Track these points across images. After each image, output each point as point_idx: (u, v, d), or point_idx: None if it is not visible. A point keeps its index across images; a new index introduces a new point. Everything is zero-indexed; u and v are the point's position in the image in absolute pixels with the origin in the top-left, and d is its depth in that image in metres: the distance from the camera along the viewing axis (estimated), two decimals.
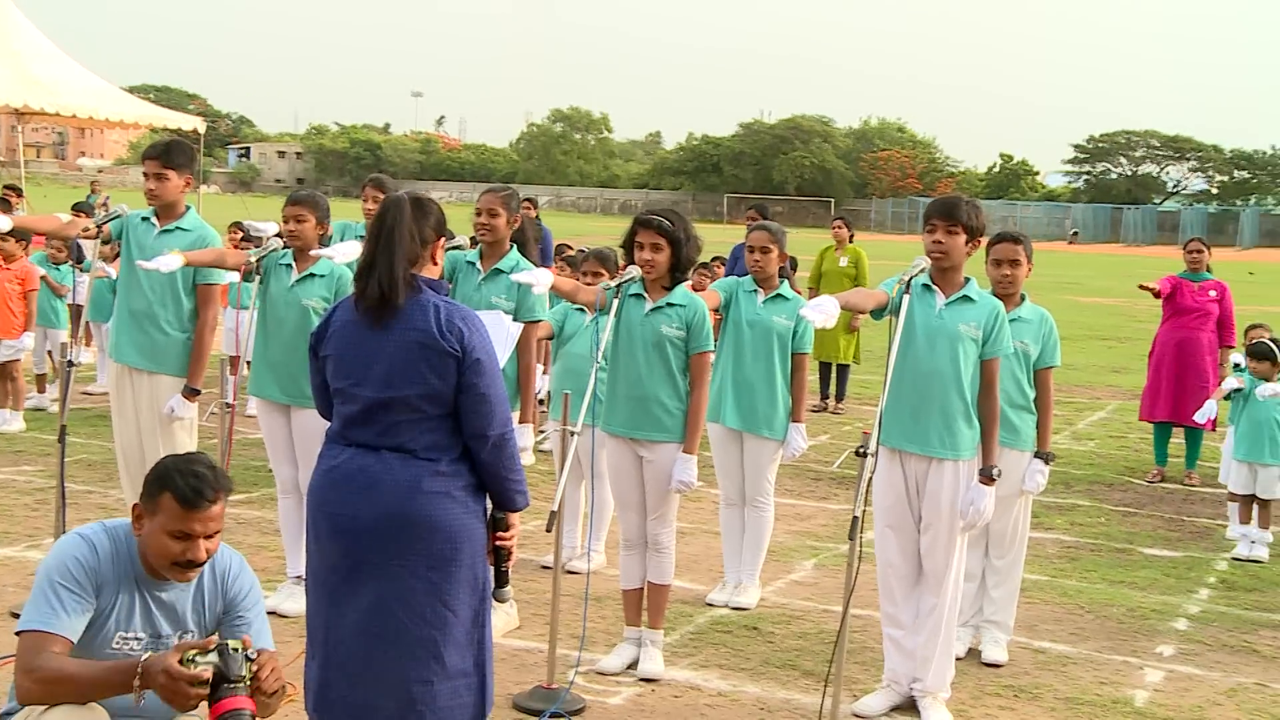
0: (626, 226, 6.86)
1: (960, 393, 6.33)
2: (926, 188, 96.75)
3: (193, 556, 4.23)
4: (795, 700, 6.57)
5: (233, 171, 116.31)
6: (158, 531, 4.21)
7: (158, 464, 4.32)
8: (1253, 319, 13.47)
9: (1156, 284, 13.21)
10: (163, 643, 4.35)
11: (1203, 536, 10.69)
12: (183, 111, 31.27)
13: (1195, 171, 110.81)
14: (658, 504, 6.79)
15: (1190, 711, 6.84)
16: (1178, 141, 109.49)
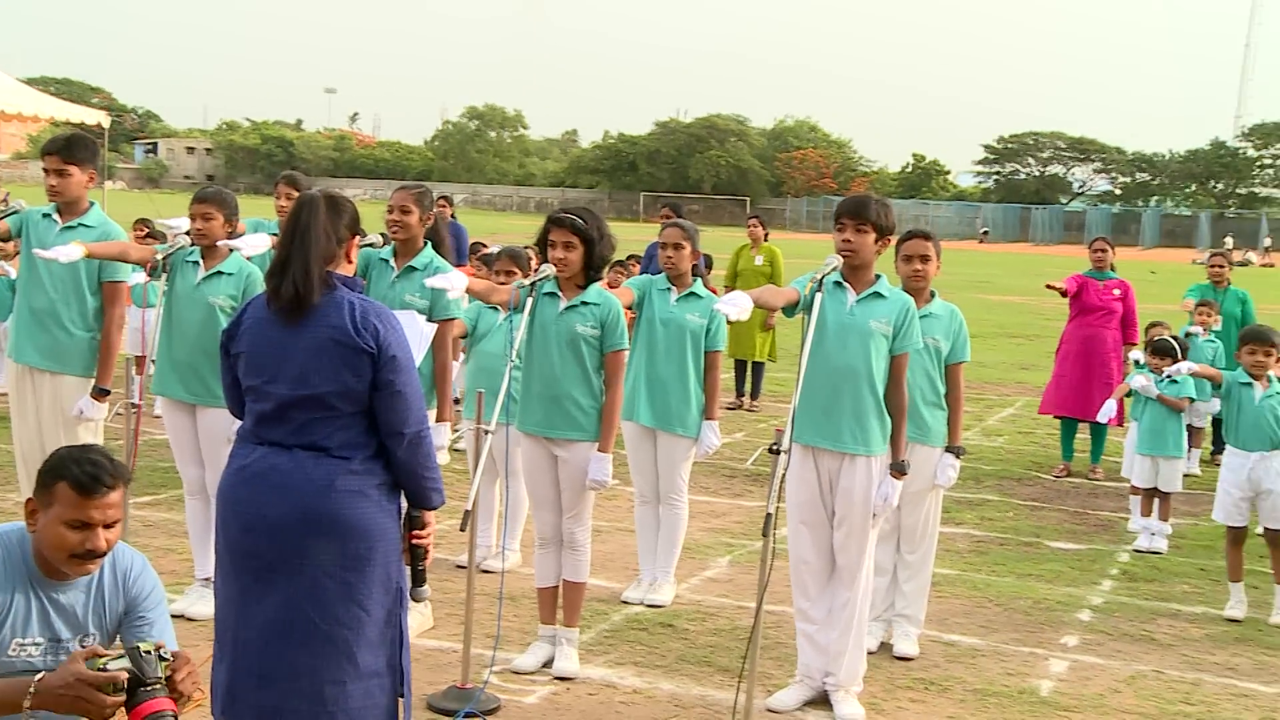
0: (541, 225, 6.83)
1: (872, 388, 6.36)
2: (841, 187, 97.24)
3: (92, 546, 4.07)
4: (710, 696, 6.57)
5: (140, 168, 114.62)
6: (54, 523, 4.04)
7: (51, 455, 4.19)
8: (1153, 317, 13.65)
9: (1063, 283, 13.35)
10: (62, 647, 4.21)
11: (1106, 530, 10.82)
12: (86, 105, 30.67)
13: (1099, 173, 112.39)
14: (573, 502, 6.76)
15: (1092, 700, 6.92)
16: (1083, 143, 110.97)
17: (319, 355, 4.65)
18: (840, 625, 6.44)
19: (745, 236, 16.81)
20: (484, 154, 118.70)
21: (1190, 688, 7.22)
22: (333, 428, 4.69)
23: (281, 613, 4.63)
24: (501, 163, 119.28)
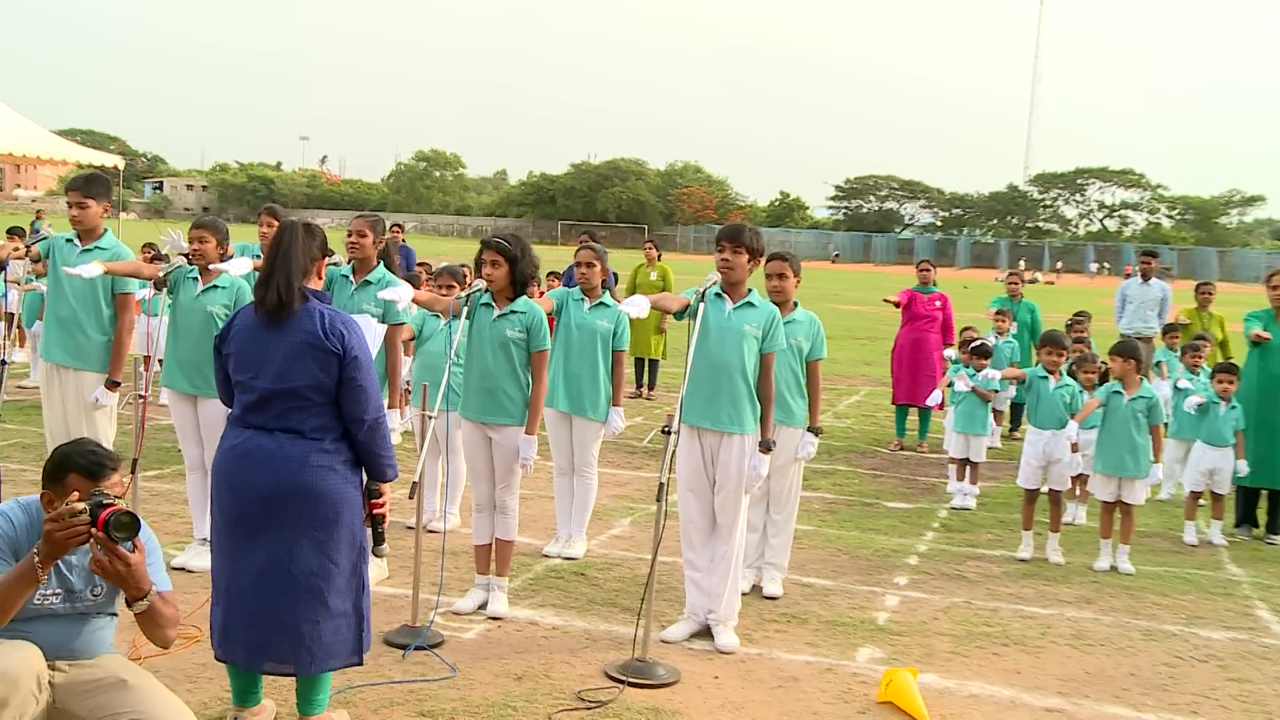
0: (477, 248, 6.80)
1: (745, 380, 6.36)
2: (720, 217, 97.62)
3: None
4: (615, 631, 6.54)
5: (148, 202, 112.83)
6: None
7: (53, 453, 4.14)
8: (966, 323, 13.82)
9: (896, 296, 13.52)
10: (76, 597, 4.18)
11: (930, 492, 10.91)
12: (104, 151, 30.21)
13: (924, 208, 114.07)
14: (504, 475, 6.70)
15: (917, 625, 6.97)
16: (912, 185, 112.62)
17: (295, 356, 4.70)
18: (720, 572, 6.44)
19: (642, 257, 16.79)
20: (430, 189, 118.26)
21: (990, 613, 7.31)
22: (306, 414, 4.74)
23: (266, 566, 4.68)
24: (444, 196, 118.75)
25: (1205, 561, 9.01)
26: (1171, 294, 14.53)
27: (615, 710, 5.46)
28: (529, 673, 5.87)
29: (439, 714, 5.30)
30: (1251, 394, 9.85)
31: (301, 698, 4.89)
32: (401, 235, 17.64)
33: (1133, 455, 8.64)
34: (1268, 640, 7.18)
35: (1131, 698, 6.07)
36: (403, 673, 5.77)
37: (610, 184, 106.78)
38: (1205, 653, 6.86)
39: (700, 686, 5.84)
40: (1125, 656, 6.70)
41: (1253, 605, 7.91)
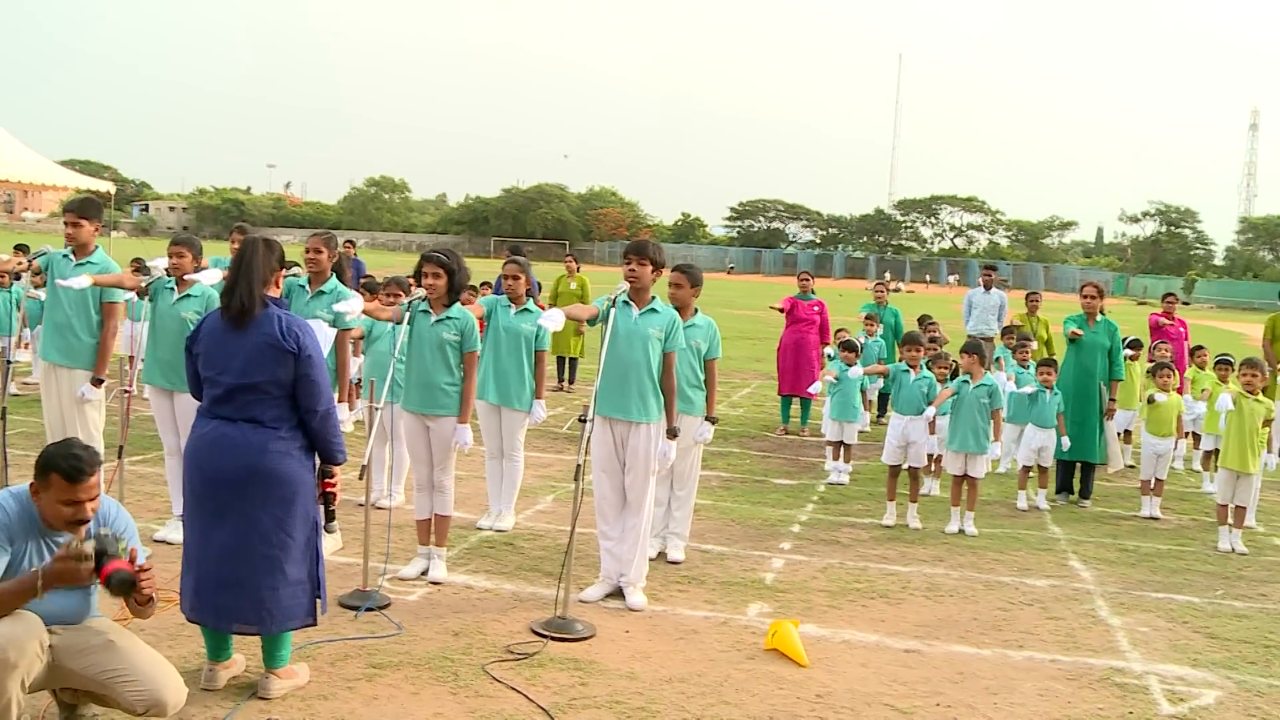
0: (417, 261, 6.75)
1: (651, 376, 6.36)
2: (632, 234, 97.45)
3: (81, 517, 4.03)
4: (539, 593, 6.50)
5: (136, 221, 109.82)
6: (52, 501, 4.00)
7: (43, 451, 4.06)
8: (840, 325, 13.95)
9: (781, 303, 13.61)
10: None
11: (810, 470, 10.98)
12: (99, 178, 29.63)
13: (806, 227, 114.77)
14: (441, 458, 6.64)
15: (799, 584, 7.02)
16: (795, 207, 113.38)
17: (257, 355, 4.69)
18: (630, 541, 6.44)
19: (564, 269, 16.76)
20: (380, 210, 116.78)
21: (860, 571, 7.39)
22: (266, 406, 4.72)
23: (232, 539, 4.65)
24: (392, 216, 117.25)
25: (1033, 523, 9.20)
26: (1008, 301, 14.78)
27: (540, 661, 5.45)
28: (465, 629, 5.82)
29: (387, 666, 5.25)
30: (1069, 383, 10.11)
31: (266, 653, 4.86)
32: (353, 250, 17.43)
33: (976, 436, 8.80)
34: (1077, 585, 7.38)
35: (973, 637, 6.18)
36: (355, 630, 5.70)
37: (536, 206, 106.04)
38: (1031, 598, 7.01)
39: (614, 639, 5.84)
40: (969, 604, 6.81)
41: (1068, 558, 8.10)
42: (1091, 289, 10.40)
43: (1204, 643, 6.33)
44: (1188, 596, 7.26)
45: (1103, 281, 18.28)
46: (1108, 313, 10.52)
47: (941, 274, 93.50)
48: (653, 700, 5.05)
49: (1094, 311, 10.27)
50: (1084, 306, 10.32)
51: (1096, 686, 5.55)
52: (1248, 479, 8.77)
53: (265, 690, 4.80)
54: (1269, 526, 9.57)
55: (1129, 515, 9.75)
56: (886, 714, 5.07)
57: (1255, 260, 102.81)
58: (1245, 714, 5.32)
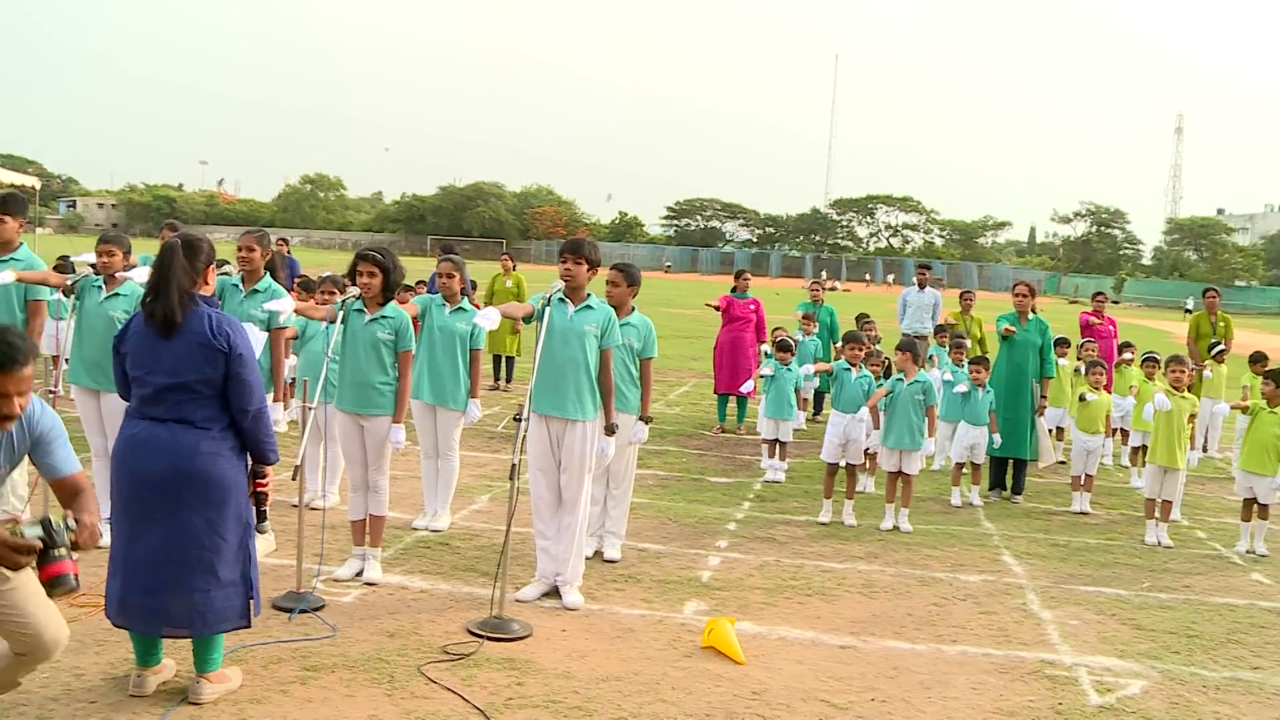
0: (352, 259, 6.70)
1: (588, 373, 6.38)
2: (569, 233, 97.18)
3: (8, 411, 3.86)
4: (475, 593, 6.49)
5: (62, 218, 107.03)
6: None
7: None
8: (777, 324, 14.06)
9: (717, 301, 13.67)
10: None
11: (746, 468, 11.06)
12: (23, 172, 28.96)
13: (743, 226, 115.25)
14: (376, 458, 6.61)
15: (735, 581, 7.08)
16: (732, 206, 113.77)
17: (187, 354, 4.63)
18: (566, 540, 6.45)
19: (500, 267, 16.71)
20: (315, 208, 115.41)
21: (795, 569, 7.47)
22: (196, 406, 4.66)
23: (162, 541, 4.59)
24: (327, 214, 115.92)
25: (966, 519, 9.36)
26: (942, 300, 14.99)
27: (476, 661, 5.44)
28: (400, 630, 5.80)
29: (321, 668, 5.22)
30: (1001, 381, 10.29)
31: (198, 657, 4.81)
32: (287, 248, 17.26)
33: (911, 433, 8.93)
34: (1009, 579, 7.53)
35: (908, 633, 6.28)
36: (289, 633, 5.66)
37: (473, 204, 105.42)
38: (964, 593, 7.14)
39: (550, 639, 5.85)
40: (903, 599, 6.92)
41: (1000, 553, 8.26)
42: (1023, 288, 10.60)
43: (1131, 634, 6.49)
44: (1116, 589, 7.43)
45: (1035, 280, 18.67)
46: (1039, 311, 10.73)
47: (878, 273, 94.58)
48: (589, 699, 5.07)
49: (1026, 310, 10.46)
50: (1016, 305, 10.52)
51: (1028, 679, 5.67)
52: (1174, 474, 8.99)
53: (196, 695, 4.75)
54: (1193, 520, 9.82)
55: (1060, 511, 9.95)
56: (822, 710, 5.13)
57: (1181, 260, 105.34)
58: (1169, 703, 5.47)
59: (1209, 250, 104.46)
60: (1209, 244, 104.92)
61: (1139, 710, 5.35)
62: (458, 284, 7.95)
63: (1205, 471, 12.51)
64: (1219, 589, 7.65)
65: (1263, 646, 6.43)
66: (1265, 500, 8.82)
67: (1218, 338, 13.71)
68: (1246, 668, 6.05)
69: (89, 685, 4.85)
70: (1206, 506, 10.55)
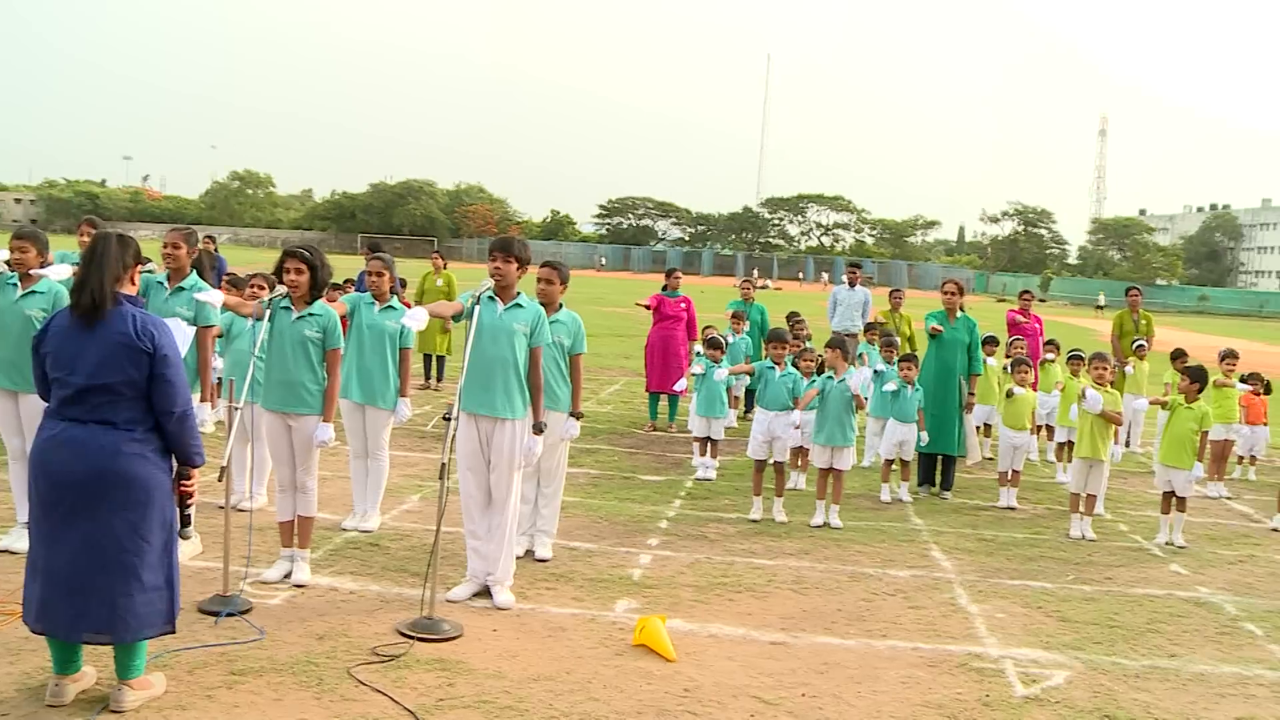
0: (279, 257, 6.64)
1: (516, 372, 6.37)
2: (501, 231, 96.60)
3: None
4: (406, 593, 6.46)
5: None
6: None
7: None
8: (708, 322, 14.12)
9: (648, 300, 13.71)
10: None
11: (678, 466, 11.11)
12: None
13: (675, 225, 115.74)
14: (303, 459, 6.54)
15: (666, 579, 7.12)
16: (664, 205, 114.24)
17: (109, 354, 4.56)
18: (496, 539, 6.44)
19: (431, 266, 16.61)
20: (243, 205, 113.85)
21: (726, 566, 7.53)
22: (119, 408, 4.60)
23: (83, 545, 4.53)
24: (256, 212, 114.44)
25: (896, 515, 9.49)
26: (872, 298, 15.16)
27: (406, 662, 5.42)
28: (330, 632, 5.76)
29: (248, 672, 5.16)
30: (930, 378, 10.44)
31: (119, 664, 4.73)
32: (214, 246, 17.05)
33: (841, 430, 9.03)
34: (938, 574, 7.65)
35: (838, 628, 6.36)
36: (215, 637, 5.59)
37: (404, 201, 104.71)
38: (894, 588, 7.24)
39: (481, 639, 5.84)
40: (834, 595, 7.00)
41: (929, 548, 8.39)
42: (952, 286, 10.77)
43: (1055, 626, 6.63)
44: (1041, 582, 7.59)
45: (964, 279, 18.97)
46: (967, 309, 10.91)
47: (809, 271, 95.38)
48: (521, 699, 5.07)
49: (954, 308, 10.63)
50: (944, 303, 10.68)
51: (956, 672, 5.77)
52: (1099, 468, 9.21)
53: (118, 702, 4.67)
54: (1115, 514, 10.06)
55: (988, 506, 10.13)
56: (753, 706, 5.18)
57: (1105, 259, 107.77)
58: (1091, 692, 5.60)
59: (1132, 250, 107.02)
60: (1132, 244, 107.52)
61: (1063, 700, 5.47)
62: (386, 282, 7.90)
63: (1128, 466, 12.80)
64: (1139, 580, 7.84)
65: (1179, 635, 6.62)
66: (1183, 493, 9.06)
67: (1140, 335, 14.04)
68: (1164, 655, 6.22)
69: (2, 696, 4.74)
70: (1129, 500, 10.81)
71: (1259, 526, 10.04)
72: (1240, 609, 7.26)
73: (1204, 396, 9.36)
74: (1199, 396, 9.25)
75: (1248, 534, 9.68)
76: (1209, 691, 5.72)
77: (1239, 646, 6.50)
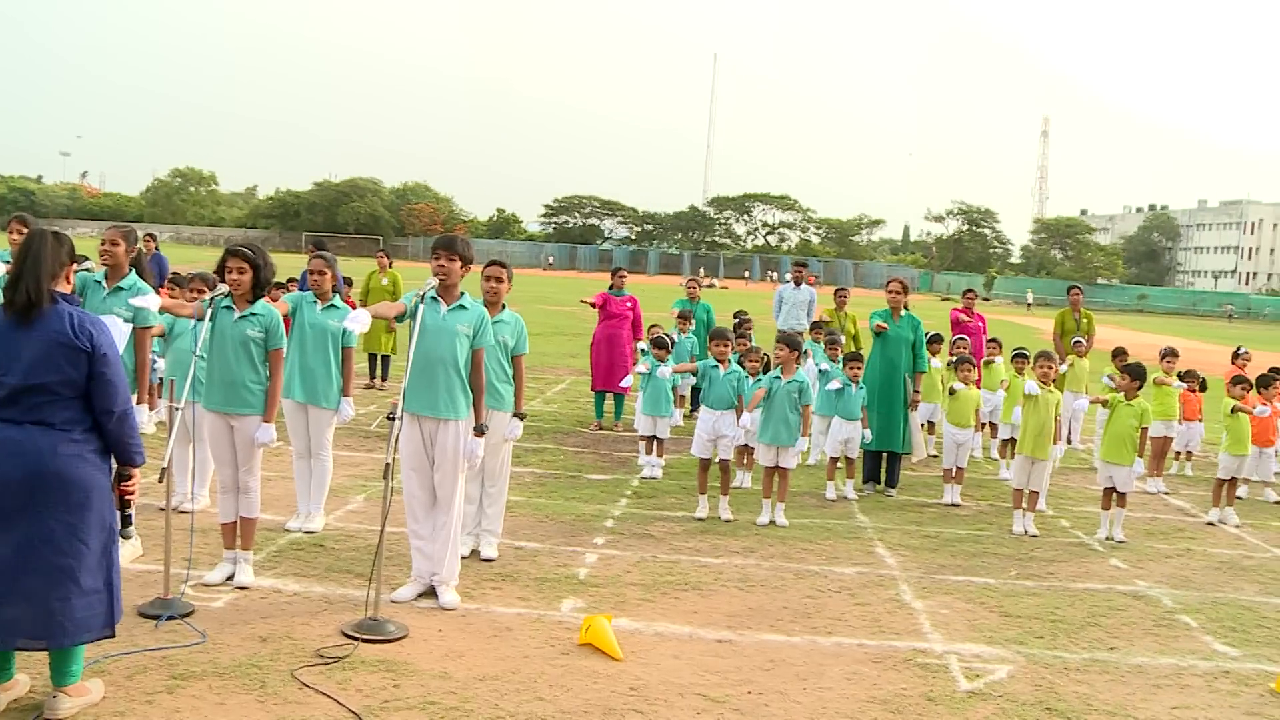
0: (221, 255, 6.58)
1: (459, 372, 6.35)
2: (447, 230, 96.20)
3: None
4: (350, 595, 6.42)
5: None
6: None
7: None
8: (654, 321, 14.16)
9: (594, 299, 13.71)
10: None
11: (624, 465, 11.13)
12: None
13: (621, 224, 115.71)
14: (245, 459, 6.48)
15: (612, 578, 7.13)
16: (610, 204, 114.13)
17: (46, 353, 4.48)
18: (441, 539, 6.42)
19: (376, 265, 16.50)
20: (185, 203, 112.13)
21: (672, 564, 7.55)
22: (56, 408, 4.51)
23: (20, 548, 4.43)
24: (199, 209, 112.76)
25: (841, 513, 9.58)
26: (817, 297, 15.28)
27: (351, 664, 5.38)
28: (273, 635, 5.71)
29: (190, 676, 5.10)
30: (875, 376, 10.55)
31: (55, 670, 4.65)
32: (154, 245, 16.81)
33: (788, 429, 9.09)
34: (882, 571, 7.74)
35: (784, 625, 6.41)
36: (155, 641, 5.51)
37: (349, 200, 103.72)
38: (839, 585, 7.31)
39: (426, 639, 5.82)
40: (779, 593, 7.05)
41: (874, 545, 8.48)
42: (896, 284, 10.89)
43: (998, 621, 6.73)
44: (985, 578, 7.70)
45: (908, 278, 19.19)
46: (912, 308, 11.03)
47: (755, 270, 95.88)
48: (466, 699, 5.06)
49: (898, 306, 10.74)
50: (889, 302, 10.79)
51: (900, 668, 5.84)
52: (1041, 465, 9.35)
53: (54, 710, 4.59)
54: (1057, 510, 10.22)
55: (932, 503, 10.25)
56: (699, 704, 5.21)
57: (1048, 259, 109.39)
58: (1033, 685, 5.69)
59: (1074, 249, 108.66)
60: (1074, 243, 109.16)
61: (1005, 694, 5.56)
62: (329, 281, 7.85)
63: (1069, 462, 13.02)
64: (1081, 575, 7.98)
65: (1119, 628, 6.75)
66: (1124, 489, 9.23)
67: (1080, 333, 14.28)
68: (1104, 649, 6.34)
69: None
70: (1070, 496, 11.00)
71: (1195, 521, 10.26)
72: (1177, 602, 7.42)
73: (1143, 394, 9.55)
74: (1139, 394, 9.43)
75: (1184, 528, 9.89)
76: (1146, 683, 5.85)
77: (1175, 638, 6.64)
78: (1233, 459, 10.43)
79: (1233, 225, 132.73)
